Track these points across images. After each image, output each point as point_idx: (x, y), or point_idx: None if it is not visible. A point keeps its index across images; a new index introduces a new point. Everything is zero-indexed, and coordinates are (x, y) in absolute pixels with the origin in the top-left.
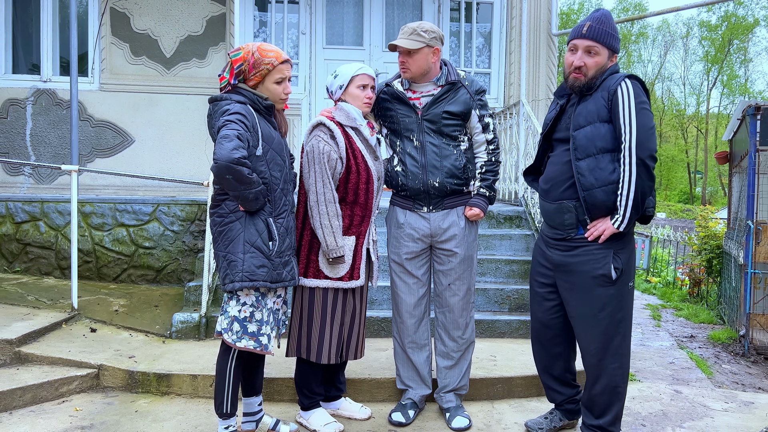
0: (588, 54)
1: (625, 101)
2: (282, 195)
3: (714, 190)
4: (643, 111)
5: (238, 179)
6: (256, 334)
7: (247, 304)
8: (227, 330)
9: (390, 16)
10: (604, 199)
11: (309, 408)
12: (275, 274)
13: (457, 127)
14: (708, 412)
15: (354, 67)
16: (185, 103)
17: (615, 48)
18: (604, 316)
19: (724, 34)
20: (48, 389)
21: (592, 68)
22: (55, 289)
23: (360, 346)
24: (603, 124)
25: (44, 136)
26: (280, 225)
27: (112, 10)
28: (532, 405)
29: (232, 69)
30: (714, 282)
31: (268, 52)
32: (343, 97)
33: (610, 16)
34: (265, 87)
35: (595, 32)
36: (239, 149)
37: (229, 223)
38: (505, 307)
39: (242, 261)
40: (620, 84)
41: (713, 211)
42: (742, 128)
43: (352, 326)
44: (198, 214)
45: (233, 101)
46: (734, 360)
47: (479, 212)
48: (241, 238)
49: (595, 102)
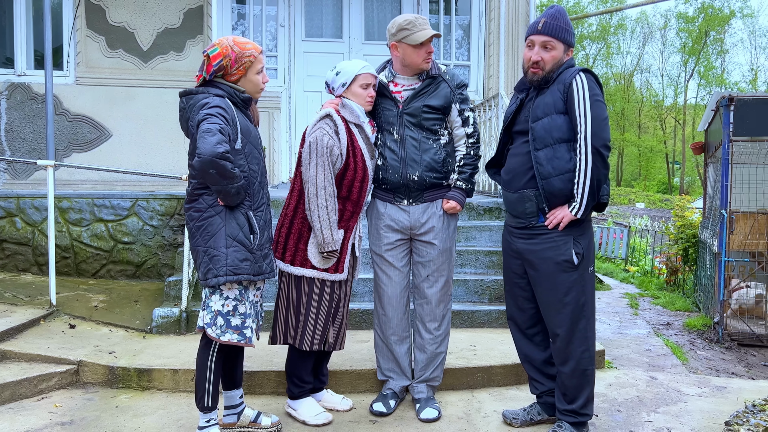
0: (544, 49)
1: (580, 94)
2: (260, 188)
3: (692, 180)
4: (596, 103)
5: (222, 174)
6: (240, 327)
7: (230, 298)
8: (210, 325)
9: (369, 9)
10: (561, 187)
11: (298, 397)
12: (257, 266)
13: (438, 120)
14: (682, 397)
15: (358, 65)
16: (163, 97)
17: (570, 42)
18: (569, 301)
19: (701, 26)
20: (27, 386)
21: (549, 62)
22: (33, 285)
23: (342, 338)
24: (559, 115)
25: (19, 130)
26: (259, 218)
27: (87, 2)
28: (511, 393)
29: (210, 65)
30: (690, 270)
31: (245, 44)
32: (345, 95)
33: (564, 12)
34: (248, 79)
35: (550, 28)
36: (222, 143)
37: (209, 217)
38: (485, 298)
39: (225, 255)
40: (575, 77)
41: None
42: (717, 119)
43: (335, 317)
44: (177, 209)
45: (211, 95)
46: (709, 346)
47: (456, 205)
48: (222, 232)
49: (551, 95)
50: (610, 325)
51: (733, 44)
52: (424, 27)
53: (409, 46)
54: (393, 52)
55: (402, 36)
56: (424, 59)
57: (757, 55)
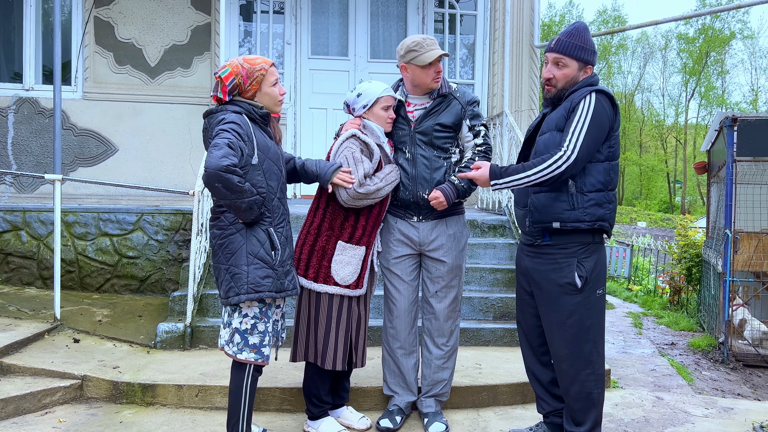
0: (556, 66)
1: (582, 111)
2: (279, 204)
3: (693, 200)
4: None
5: (228, 187)
6: (258, 346)
7: (249, 315)
8: (228, 342)
9: (375, 27)
10: (546, 204)
11: (317, 417)
12: (279, 283)
13: (449, 139)
14: (689, 418)
15: (379, 87)
16: (170, 112)
17: (585, 60)
18: (571, 323)
19: (701, 47)
20: (31, 401)
21: (561, 80)
22: (37, 299)
23: (363, 354)
24: (559, 132)
25: (26, 144)
26: (280, 234)
27: (96, 18)
28: (517, 413)
29: (224, 86)
30: (694, 290)
31: (255, 60)
32: (366, 116)
33: (584, 29)
34: (264, 92)
35: (563, 45)
36: (229, 157)
37: (230, 235)
38: (489, 316)
39: (246, 273)
40: (585, 97)
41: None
42: (720, 139)
43: (357, 333)
44: (183, 224)
45: (228, 111)
46: (714, 367)
47: (440, 196)
48: (243, 250)
49: (558, 112)
50: (615, 345)
51: (734, 65)
52: (432, 48)
53: (418, 67)
54: (403, 73)
55: (411, 57)
56: (433, 79)
57: (757, 76)
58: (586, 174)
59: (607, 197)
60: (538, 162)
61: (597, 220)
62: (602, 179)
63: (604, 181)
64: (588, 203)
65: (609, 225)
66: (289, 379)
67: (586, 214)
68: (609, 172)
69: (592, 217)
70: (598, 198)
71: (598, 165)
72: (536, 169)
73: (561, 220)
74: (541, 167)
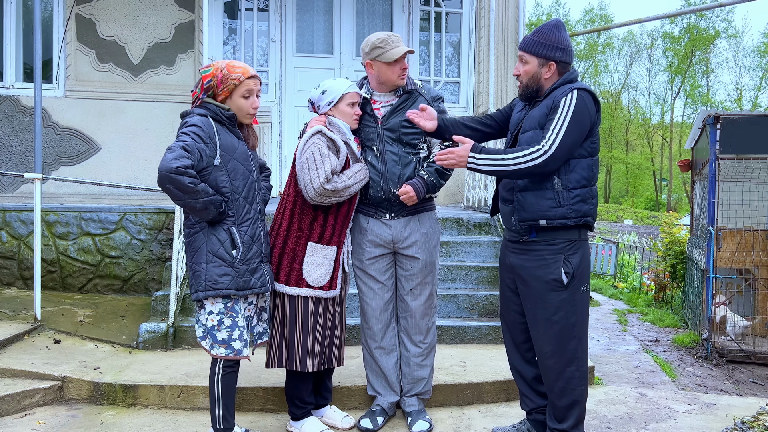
0: (521, 62)
1: (564, 108)
2: (245, 203)
3: (679, 197)
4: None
5: (179, 188)
6: (227, 341)
7: (214, 312)
8: (203, 338)
9: (360, 25)
10: (533, 202)
11: (300, 418)
12: (241, 281)
13: (417, 135)
14: (671, 413)
15: (344, 84)
16: (153, 111)
17: (546, 56)
18: (557, 320)
19: (686, 46)
20: (9, 402)
21: (524, 76)
22: (18, 300)
23: (341, 353)
24: (541, 130)
25: (7, 143)
26: (243, 233)
27: (78, 16)
28: (501, 410)
29: (202, 84)
30: (678, 287)
31: (235, 68)
32: (332, 113)
33: (550, 27)
34: (233, 101)
35: (525, 42)
36: (180, 159)
37: (194, 234)
38: (474, 314)
39: (205, 271)
40: (567, 94)
41: (677, 218)
42: (703, 137)
43: (333, 333)
44: (166, 223)
45: (194, 114)
46: (697, 363)
47: (410, 190)
48: (203, 248)
49: (540, 109)
50: (600, 341)
51: (719, 64)
52: (397, 44)
53: (383, 64)
54: (368, 70)
55: (376, 54)
56: (399, 75)
57: (741, 74)
58: (571, 170)
59: (591, 192)
60: (517, 149)
61: (582, 215)
62: (586, 175)
63: (588, 176)
64: (573, 200)
65: (592, 220)
66: (273, 378)
67: (572, 210)
68: (592, 167)
69: (577, 213)
70: (582, 194)
71: (582, 161)
72: (513, 155)
73: (547, 217)
74: (518, 155)
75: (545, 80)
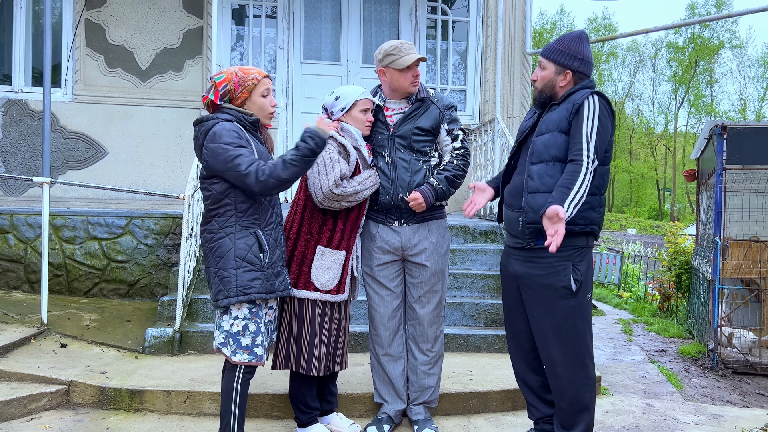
0: (540, 68)
1: (590, 114)
2: (269, 207)
3: (682, 207)
4: (602, 128)
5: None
6: (251, 347)
7: (240, 318)
8: (224, 344)
9: (368, 33)
10: (543, 204)
11: (306, 424)
12: (269, 285)
13: (428, 142)
14: (679, 425)
15: (357, 91)
16: (160, 116)
17: (563, 64)
18: (567, 327)
19: (690, 56)
20: (16, 406)
21: (540, 81)
22: (24, 303)
23: (345, 357)
24: (561, 134)
25: (15, 147)
26: (268, 236)
27: (87, 21)
28: (508, 419)
29: (217, 90)
30: (683, 297)
31: (249, 70)
32: (344, 119)
33: (573, 37)
34: (252, 101)
35: (546, 48)
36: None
37: (219, 239)
38: (480, 322)
39: (235, 276)
40: (587, 98)
41: (682, 228)
42: (709, 147)
43: (338, 337)
44: (172, 228)
45: (220, 120)
46: (703, 374)
47: (419, 197)
48: (231, 253)
49: (559, 113)
50: (605, 351)
51: (723, 74)
52: (409, 51)
53: (395, 71)
54: (381, 78)
55: (388, 61)
56: (411, 82)
57: (745, 84)
58: None
59: (600, 201)
60: (569, 178)
61: (589, 223)
62: (598, 183)
63: (598, 185)
64: (584, 207)
65: (598, 228)
66: (279, 385)
67: (581, 217)
68: (603, 176)
69: (585, 221)
70: (592, 202)
71: (597, 169)
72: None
73: None
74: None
75: (560, 88)
